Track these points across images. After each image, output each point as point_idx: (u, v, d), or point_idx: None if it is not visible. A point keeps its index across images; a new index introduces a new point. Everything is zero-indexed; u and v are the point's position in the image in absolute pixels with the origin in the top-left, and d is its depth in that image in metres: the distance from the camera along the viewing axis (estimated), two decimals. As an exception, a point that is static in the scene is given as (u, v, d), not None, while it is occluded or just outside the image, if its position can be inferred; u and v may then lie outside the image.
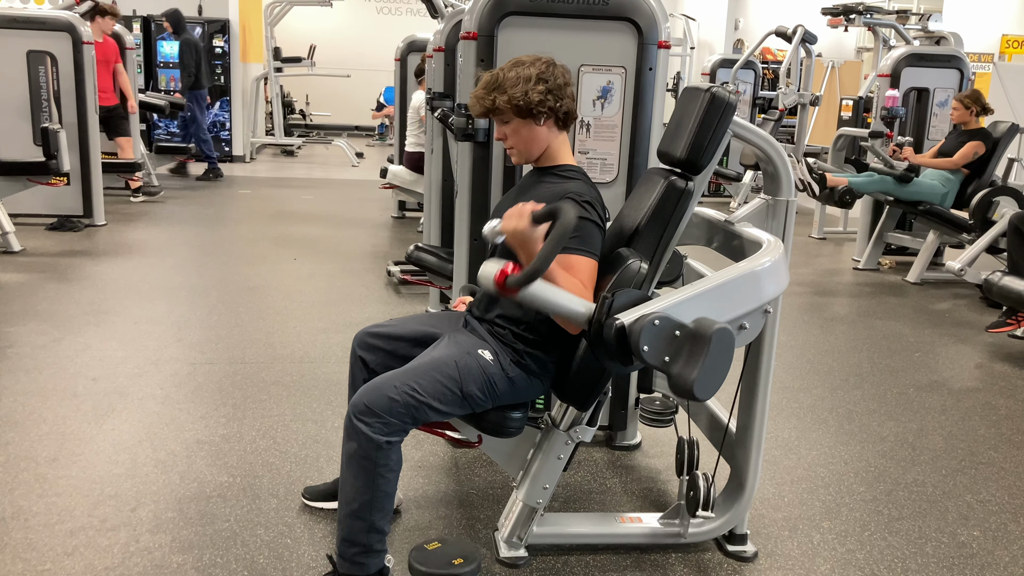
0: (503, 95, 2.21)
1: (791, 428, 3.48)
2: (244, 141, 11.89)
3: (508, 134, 2.28)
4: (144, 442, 3.06)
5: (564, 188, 2.20)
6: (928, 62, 6.81)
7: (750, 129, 2.33)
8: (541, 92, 2.19)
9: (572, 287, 2.03)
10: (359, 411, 2.08)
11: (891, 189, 6.28)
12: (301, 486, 2.76)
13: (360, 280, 5.62)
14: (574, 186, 2.21)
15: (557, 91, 2.22)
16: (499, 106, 2.22)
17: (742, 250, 2.34)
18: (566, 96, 2.25)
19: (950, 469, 3.17)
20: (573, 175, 2.27)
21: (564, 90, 2.24)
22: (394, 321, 2.53)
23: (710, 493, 2.35)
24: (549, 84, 2.21)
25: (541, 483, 2.34)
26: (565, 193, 2.17)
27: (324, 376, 3.78)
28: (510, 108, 2.21)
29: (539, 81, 2.20)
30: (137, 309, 4.71)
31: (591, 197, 2.20)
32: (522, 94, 2.19)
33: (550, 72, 2.22)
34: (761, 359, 2.39)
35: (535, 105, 2.20)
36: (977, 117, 6.25)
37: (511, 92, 2.20)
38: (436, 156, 4.66)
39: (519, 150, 2.30)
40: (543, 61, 2.24)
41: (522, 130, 2.25)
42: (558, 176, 2.28)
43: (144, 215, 7.64)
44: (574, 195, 2.16)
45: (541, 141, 2.28)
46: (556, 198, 2.16)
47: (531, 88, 2.19)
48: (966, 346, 4.78)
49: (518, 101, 2.20)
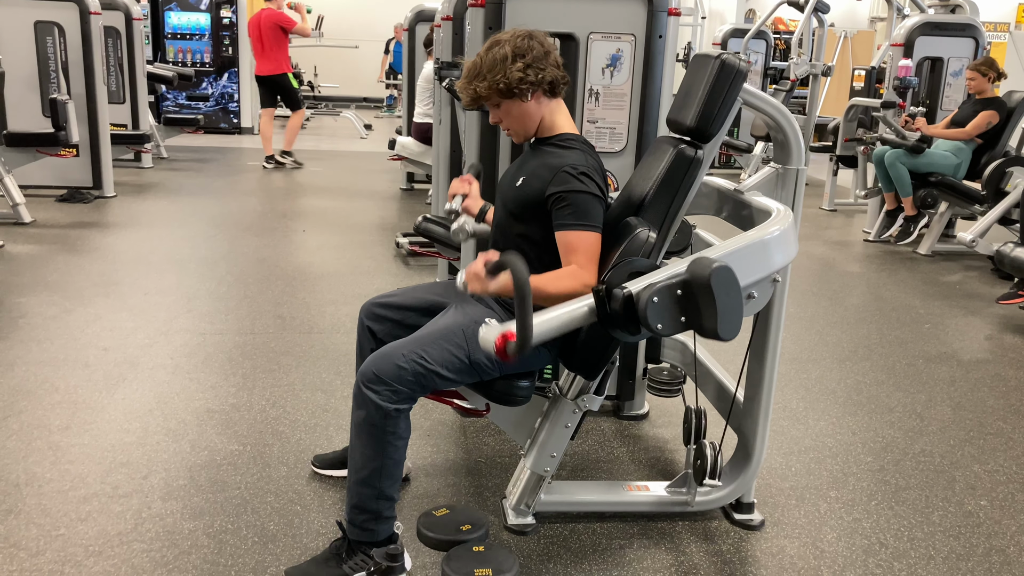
0: (483, 82, 2.20)
1: (799, 399, 3.49)
2: (252, 113, 11.86)
3: (501, 117, 2.28)
4: (155, 411, 3.09)
5: (561, 161, 2.19)
6: (943, 31, 6.72)
7: (760, 97, 2.31)
8: (520, 69, 2.17)
9: (563, 283, 2.05)
10: (368, 379, 2.09)
11: (903, 161, 6.23)
12: (310, 454, 2.78)
13: (368, 252, 5.62)
14: (571, 157, 2.20)
15: (537, 63, 2.20)
16: (482, 94, 2.21)
17: (751, 219, 2.32)
18: (548, 65, 2.22)
19: (958, 440, 3.17)
20: (571, 144, 2.26)
21: (545, 60, 2.22)
22: (401, 291, 2.53)
23: (717, 462, 2.36)
24: (527, 58, 2.19)
25: (548, 451, 2.35)
26: (561, 167, 2.16)
27: (333, 346, 3.80)
28: (493, 93, 2.20)
29: (515, 58, 2.18)
30: (147, 280, 4.73)
31: (587, 166, 2.18)
32: (502, 76, 2.18)
33: (527, 45, 2.20)
34: (769, 329, 2.39)
35: (516, 84, 2.18)
36: (993, 84, 6.17)
37: (490, 78, 2.19)
38: (444, 127, 4.64)
39: (515, 130, 2.30)
40: (519, 35, 2.22)
41: (512, 110, 2.24)
42: (555, 146, 2.26)
43: (153, 187, 7.65)
44: (569, 167, 2.15)
45: (534, 116, 2.26)
46: (552, 172, 2.16)
47: (509, 67, 2.17)
48: (976, 318, 4.76)
49: (499, 84, 2.18)
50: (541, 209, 2.20)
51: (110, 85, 7.89)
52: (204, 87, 11.54)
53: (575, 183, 2.14)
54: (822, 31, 7.55)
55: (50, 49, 6.67)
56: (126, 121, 8.31)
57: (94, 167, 6.92)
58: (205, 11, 11.41)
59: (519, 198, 2.26)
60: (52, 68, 6.71)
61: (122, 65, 8.24)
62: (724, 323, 1.82)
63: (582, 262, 2.12)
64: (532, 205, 2.22)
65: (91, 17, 6.72)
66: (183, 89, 11.14)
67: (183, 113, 11.33)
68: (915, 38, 6.65)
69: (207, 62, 11.53)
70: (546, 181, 2.18)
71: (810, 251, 6.20)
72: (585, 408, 2.33)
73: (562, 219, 2.15)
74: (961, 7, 7.17)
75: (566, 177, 2.15)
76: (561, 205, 2.15)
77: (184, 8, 11.43)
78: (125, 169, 8.28)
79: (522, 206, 2.25)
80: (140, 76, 8.38)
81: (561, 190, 2.15)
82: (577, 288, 2.07)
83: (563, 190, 2.15)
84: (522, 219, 2.27)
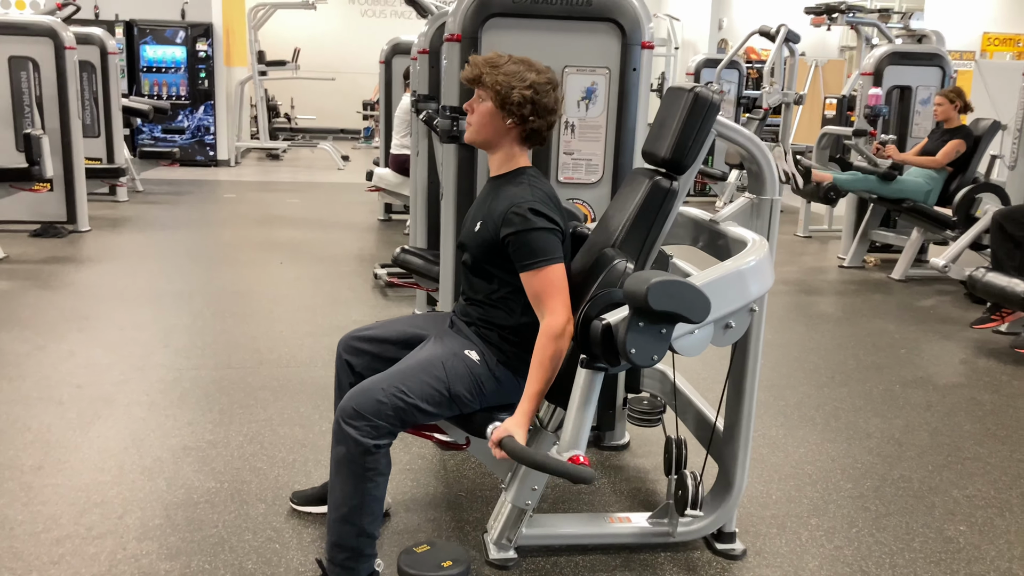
0: (495, 75, 2.20)
1: (778, 426, 3.50)
2: (229, 145, 11.85)
3: (475, 108, 2.27)
4: (130, 449, 3.04)
5: (508, 203, 2.18)
6: (910, 60, 6.85)
7: (734, 128, 2.34)
8: (525, 96, 2.19)
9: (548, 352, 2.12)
10: (347, 415, 2.08)
11: (875, 187, 6.32)
12: (289, 491, 2.75)
13: (346, 283, 5.60)
14: (517, 195, 2.19)
15: (540, 109, 2.21)
16: (485, 81, 2.22)
17: (727, 249, 2.34)
18: (544, 119, 2.23)
19: (936, 464, 3.19)
20: (520, 179, 2.25)
21: (546, 114, 2.23)
22: (379, 323, 2.52)
23: (698, 492, 2.36)
24: (537, 97, 2.20)
25: (530, 484, 2.34)
26: (508, 209, 2.16)
27: (311, 380, 3.77)
28: (492, 88, 2.21)
29: (531, 88, 2.19)
30: (122, 315, 4.68)
31: (535, 200, 2.17)
32: (508, 85, 2.19)
33: (546, 90, 2.22)
34: (748, 358, 2.40)
35: (512, 102, 2.19)
36: (960, 113, 6.29)
37: (501, 76, 2.19)
38: (422, 158, 4.65)
39: (474, 129, 2.29)
40: (548, 77, 2.24)
41: (488, 115, 2.24)
42: (509, 183, 2.26)
43: (128, 220, 7.60)
44: (516, 208, 2.15)
45: (496, 137, 2.26)
46: (502, 215, 2.17)
47: (520, 87, 2.19)
48: (951, 342, 4.81)
49: (501, 88, 2.19)
50: (500, 252, 2.21)
51: (85, 119, 7.86)
52: (180, 120, 11.51)
53: (522, 222, 2.14)
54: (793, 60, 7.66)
55: (24, 84, 6.64)
56: (101, 155, 8.26)
57: (68, 201, 6.87)
58: (181, 44, 11.42)
59: (478, 243, 2.26)
60: (26, 103, 6.68)
61: (97, 99, 8.22)
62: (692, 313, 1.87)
63: (550, 305, 2.12)
64: (490, 249, 2.23)
65: (66, 52, 6.71)
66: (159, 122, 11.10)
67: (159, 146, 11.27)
68: (884, 67, 6.78)
69: (183, 95, 11.52)
70: (497, 224, 2.19)
71: (786, 277, 6.26)
72: (566, 440, 2.32)
73: (520, 259, 2.16)
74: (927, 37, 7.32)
75: (513, 218, 2.15)
76: (516, 247, 2.15)
77: (160, 41, 11.42)
78: (100, 203, 8.22)
79: (482, 250, 2.26)
80: (115, 110, 8.35)
81: (511, 232, 2.15)
82: (559, 346, 2.11)
83: (513, 231, 2.15)
84: (484, 262, 2.28)
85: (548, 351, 2.11)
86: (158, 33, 11.42)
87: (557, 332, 2.10)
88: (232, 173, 11.34)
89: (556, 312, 2.11)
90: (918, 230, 6.33)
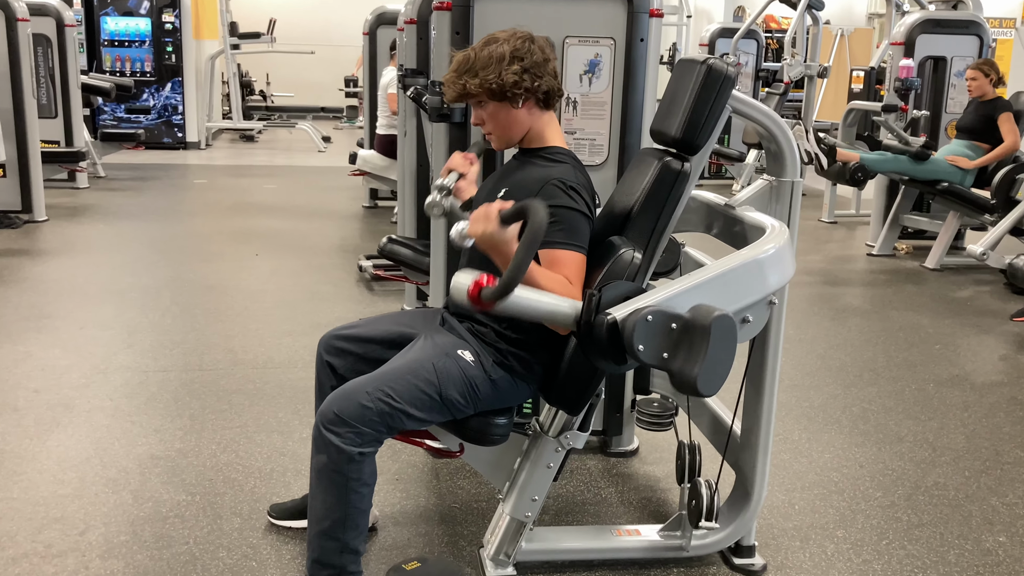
0: (475, 78, 2.20)
1: (801, 429, 3.50)
2: (199, 126, 11.84)
3: (485, 119, 2.28)
4: (92, 459, 3.04)
5: (548, 173, 2.19)
6: (945, 28, 6.84)
7: (750, 104, 2.34)
8: (516, 72, 2.18)
9: (555, 286, 2.01)
10: (328, 420, 2.08)
11: (906, 168, 6.32)
12: (266, 504, 2.75)
13: (328, 277, 5.60)
14: (559, 171, 2.21)
15: (535, 69, 2.21)
16: (471, 91, 2.21)
17: (744, 236, 2.34)
18: (546, 74, 2.24)
19: (973, 470, 3.20)
20: (560, 158, 2.27)
21: (543, 67, 2.23)
22: (364, 321, 2.52)
23: (714, 502, 2.36)
24: (525, 62, 2.20)
25: (530, 495, 2.34)
26: (548, 179, 2.17)
27: (290, 383, 3.77)
28: (484, 92, 2.20)
29: (514, 60, 2.19)
30: (83, 313, 4.68)
31: (577, 183, 2.19)
32: (495, 76, 2.18)
33: (526, 48, 2.21)
34: (767, 355, 2.40)
35: (510, 87, 2.19)
36: (994, 86, 6.29)
37: (483, 75, 2.19)
38: (409, 139, 4.65)
39: (498, 135, 2.30)
40: (519, 36, 2.23)
41: (499, 114, 2.25)
42: (543, 159, 2.27)
43: (89, 209, 7.60)
44: (558, 181, 2.16)
45: (521, 124, 2.27)
46: (539, 184, 2.16)
47: (505, 69, 2.18)
48: (989, 337, 4.82)
49: (491, 84, 2.19)
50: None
51: (40, 98, 7.84)
52: (145, 99, 11.49)
53: (564, 198, 2.14)
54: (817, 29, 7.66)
55: (-30, 61, 6.63)
56: (59, 137, 8.25)
57: (23, 189, 6.86)
58: (145, 16, 11.40)
59: None
60: (-26, 81, 6.67)
61: (54, 76, 8.20)
62: (706, 374, 1.81)
63: (571, 279, 2.11)
64: None
65: (18, 24, 6.69)
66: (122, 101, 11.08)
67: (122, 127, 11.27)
68: (916, 36, 6.77)
69: (148, 71, 11.50)
70: (532, 193, 2.17)
71: (809, 267, 6.26)
72: (569, 446, 2.32)
73: (549, 235, 2.15)
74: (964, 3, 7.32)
75: (554, 191, 2.15)
76: (551, 220, 2.15)
77: (122, 13, 11.41)
78: (58, 190, 8.21)
79: None
80: (74, 88, 8.33)
81: (552, 204, 2.15)
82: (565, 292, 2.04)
83: (550, 205, 2.15)
84: None
85: (557, 287, 2.01)
86: (120, 3, 11.40)
87: (570, 293, 2.03)
88: (202, 156, 11.33)
89: (571, 291, 2.06)
90: (954, 214, 6.33)
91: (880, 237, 6.82)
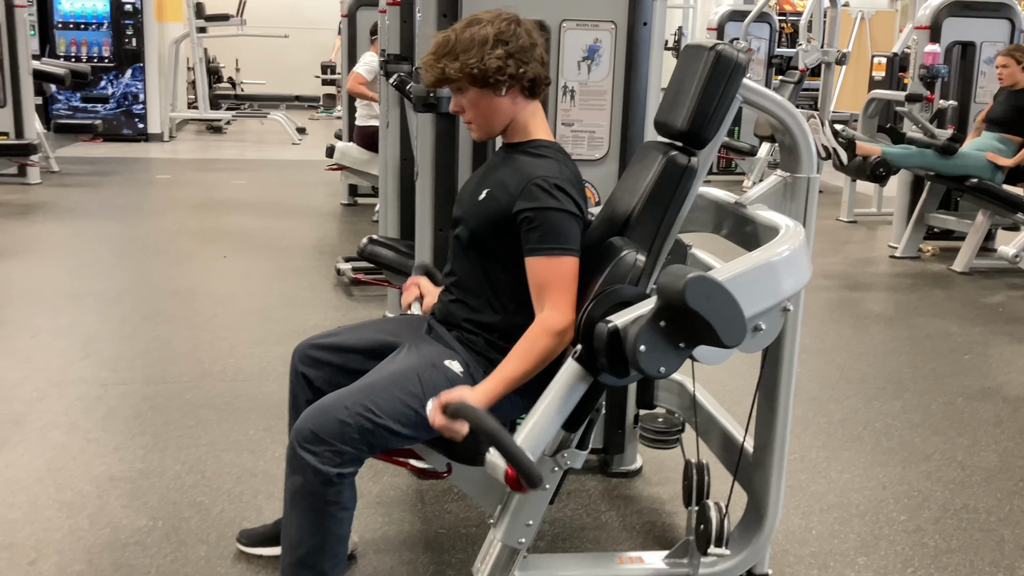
0: (455, 62, 2.20)
1: (819, 447, 3.51)
2: (162, 116, 11.82)
3: (465, 106, 2.28)
4: (45, 480, 3.03)
5: (531, 171, 2.20)
6: (974, 12, 6.87)
7: (763, 94, 2.34)
8: (500, 57, 2.19)
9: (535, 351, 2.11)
10: (304, 438, 2.07)
11: (932, 163, 6.33)
12: (236, 529, 2.74)
13: (304, 281, 5.60)
14: (542, 168, 2.21)
15: (520, 54, 2.22)
16: (451, 75, 2.22)
17: (756, 237, 2.35)
18: (532, 59, 2.24)
19: (1006, 491, 3.21)
20: (544, 152, 2.28)
21: (529, 53, 2.24)
22: (342, 329, 2.52)
23: (724, 526, 2.36)
24: (510, 47, 2.20)
25: (523, 519, 2.34)
26: (531, 179, 2.18)
27: (262, 397, 3.77)
28: (464, 77, 2.21)
29: (497, 44, 2.19)
30: (35, 320, 4.67)
31: (562, 178, 2.20)
32: (477, 60, 2.18)
33: (511, 32, 2.22)
34: (781, 366, 2.41)
35: (493, 73, 2.19)
36: None
37: (464, 58, 2.19)
38: (392, 131, 4.65)
39: (478, 124, 2.31)
40: (504, 18, 2.23)
41: (481, 102, 2.25)
42: (527, 154, 2.28)
43: (42, 207, 7.57)
44: (540, 180, 2.17)
45: (503, 114, 2.28)
46: (521, 186, 2.18)
47: (487, 53, 2.18)
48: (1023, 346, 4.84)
49: (472, 69, 2.19)
50: (508, 227, 2.21)
51: (-12, 86, 7.84)
52: (103, 86, 11.47)
53: (547, 199, 2.15)
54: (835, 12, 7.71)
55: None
56: (7, 129, 8.23)
57: (-31, 184, 6.85)
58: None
59: (482, 214, 2.27)
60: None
61: (2, 62, 8.18)
62: (725, 332, 1.84)
63: (555, 299, 2.12)
64: (497, 223, 2.23)
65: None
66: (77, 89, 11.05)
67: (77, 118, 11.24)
68: (942, 20, 6.80)
69: (106, 56, 11.48)
70: (513, 196, 2.19)
71: (827, 270, 6.28)
72: (566, 465, 2.32)
73: (532, 242, 2.16)
74: (994, -16, 7.36)
75: (536, 192, 2.16)
76: (531, 225, 2.16)
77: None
78: (7, 186, 8.20)
79: (485, 224, 2.26)
80: (24, 74, 8.32)
81: (531, 207, 2.16)
82: (552, 344, 2.10)
83: (533, 207, 2.16)
84: (485, 239, 2.28)
85: (540, 344, 2.11)
86: (76, -18, 11.38)
87: (557, 329, 2.11)
88: (166, 149, 11.31)
89: (561, 309, 2.12)
90: (984, 213, 6.36)
91: (904, 238, 6.84)
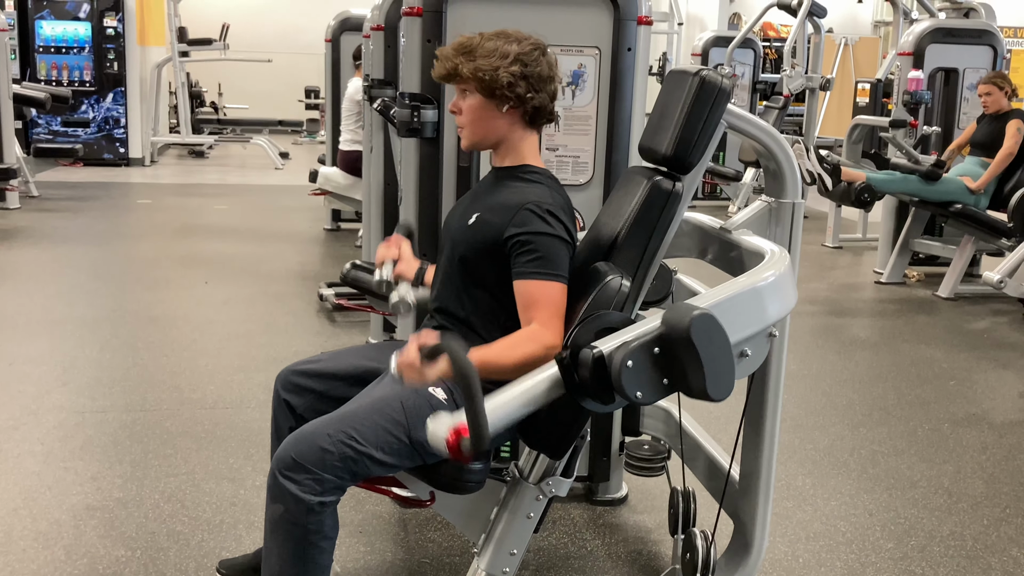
0: (470, 62, 2.21)
1: (805, 474, 3.51)
2: (143, 141, 11.80)
3: (463, 108, 2.29)
4: (20, 510, 3.01)
5: (523, 197, 2.22)
6: (957, 38, 6.95)
7: (747, 119, 2.36)
8: (514, 75, 2.20)
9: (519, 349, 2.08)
10: (285, 466, 2.06)
11: (917, 188, 6.38)
12: (216, 559, 2.72)
13: (286, 306, 5.58)
14: (535, 193, 2.23)
15: (534, 80, 2.23)
16: (462, 73, 2.23)
17: (741, 263, 2.36)
18: (544, 90, 2.26)
19: (993, 518, 3.22)
20: (536, 178, 2.30)
21: (544, 83, 2.25)
22: (325, 355, 2.52)
23: (710, 554, 2.36)
24: (528, 69, 2.22)
25: (508, 548, 2.33)
26: (523, 204, 2.19)
27: (243, 424, 3.75)
28: (473, 80, 2.22)
29: (517, 62, 2.21)
30: (11, 347, 4.64)
31: (555, 204, 2.21)
32: (491, 69, 2.20)
33: (533, 57, 2.24)
34: (767, 392, 2.41)
35: (502, 86, 2.21)
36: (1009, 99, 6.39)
37: (480, 62, 2.21)
38: (376, 155, 4.65)
39: (469, 131, 2.31)
40: (532, 43, 2.26)
41: (480, 110, 2.26)
42: (519, 179, 2.29)
43: (20, 232, 7.54)
44: (533, 205, 2.18)
45: (497, 131, 2.29)
46: (514, 210, 2.19)
47: (504, 66, 2.20)
48: (1009, 372, 4.86)
49: (484, 75, 2.21)
50: (498, 253, 2.22)
51: (-33, 110, 7.82)
52: (84, 110, 11.46)
53: (539, 224, 2.16)
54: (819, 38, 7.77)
55: None
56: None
57: (-54, 209, 6.82)
58: (85, 20, 11.38)
59: (472, 239, 2.27)
60: None
61: (-18, 85, 8.18)
62: (713, 380, 1.83)
63: (544, 318, 2.13)
64: (487, 248, 2.24)
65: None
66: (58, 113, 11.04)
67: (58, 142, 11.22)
68: (925, 46, 6.87)
69: (87, 80, 11.47)
70: (505, 220, 2.20)
71: (813, 296, 6.31)
72: (551, 493, 2.32)
73: (522, 266, 2.17)
74: (975, 11, 7.45)
75: (528, 216, 2.17)
76: (522, 250, 2.17)
77: (59, 16, 11.38)
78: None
79: (475, 248, 2.27)
80: (4, 98, 8.32)
81: (522, 231, 2.17)
82: (539, 353, 2.08)
83: (525, 231, 2.17)
84: (475, 265, 2.28)
85: (525, 347, 2.09)
86: (57, 6, 11.38)
87: (546, 343, 2.09)
88: (147, 174, 11.29)
89: (550, 328, 2.12)
90: (968, 239, 6.40)
91: (889, 263, 6.88)
